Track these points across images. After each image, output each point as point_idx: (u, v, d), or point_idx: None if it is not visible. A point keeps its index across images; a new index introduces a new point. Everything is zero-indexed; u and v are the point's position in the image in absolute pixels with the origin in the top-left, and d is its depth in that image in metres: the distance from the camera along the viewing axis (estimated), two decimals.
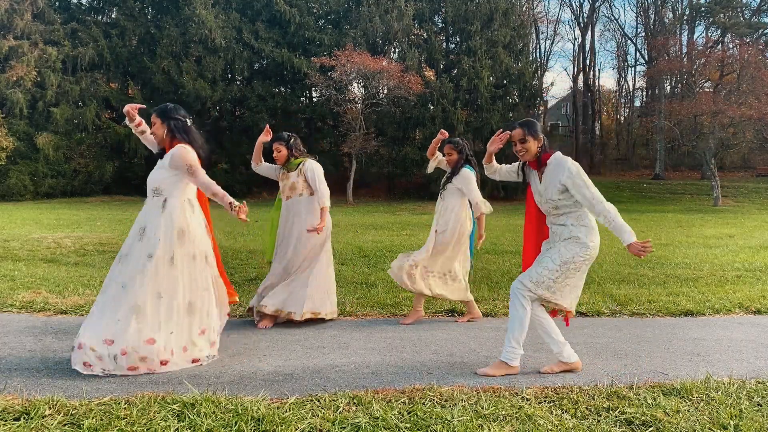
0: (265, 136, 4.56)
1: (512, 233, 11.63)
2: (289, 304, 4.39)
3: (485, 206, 4.57)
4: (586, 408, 2.74)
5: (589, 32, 41.68)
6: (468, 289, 4.77)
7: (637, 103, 45.43)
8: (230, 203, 3.31)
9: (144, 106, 3.76)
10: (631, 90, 46.40)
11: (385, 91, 27.22)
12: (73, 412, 2.50)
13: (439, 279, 4.69)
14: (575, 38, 57.13)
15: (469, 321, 4.76)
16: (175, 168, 3.38)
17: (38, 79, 24.46)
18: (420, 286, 4.62)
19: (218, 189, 3.38)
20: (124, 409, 2.55)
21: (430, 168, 4.94)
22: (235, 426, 2.42)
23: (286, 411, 2.60)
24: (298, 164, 4.57)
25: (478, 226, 4.69)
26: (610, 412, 2.69)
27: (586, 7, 42.24)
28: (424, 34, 29.10)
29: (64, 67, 25.34)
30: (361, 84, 26.93)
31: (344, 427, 2.45)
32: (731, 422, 2.56)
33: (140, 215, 3.43)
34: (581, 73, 42.69)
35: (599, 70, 75.78)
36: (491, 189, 24.42)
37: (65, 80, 25.18)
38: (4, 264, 6.89)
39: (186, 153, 3.38)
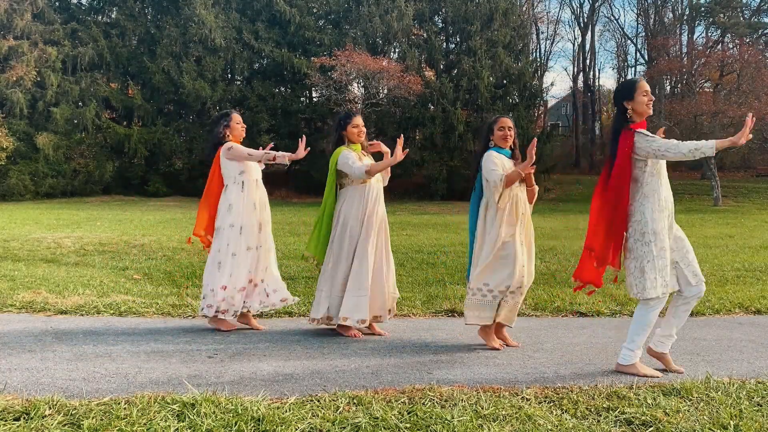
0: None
1: None
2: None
3: None
4: (586, 408, 2.73)
5: (589, 32, 41.67)
6: None
7: None
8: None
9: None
10: None
11: (385, 91, 27.16)
12: (73, 412, 2.50)
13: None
14: (575, 38, 57.09)
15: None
16: None
17: (38, 79, 24.42)
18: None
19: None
20: (124, 409, 2.55)
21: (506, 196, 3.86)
22: (235, 426, 2.42)
23: (286, 411, 2.60)
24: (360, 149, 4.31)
25: None
26: (610, 412, 2.69)
27: (586, 7, 42.20)
28: (424, 34, 29.03)
29: (64, 67, 25.30)
30: (361, 84, 26.89)
31: (344, 427, 2.45)
32: (731, 422, 2.56)
33: (255, 195, 4.28)
34: (581, 73, 42.69)
35: (599, 70, 75.81)
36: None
37: (65, 80, 25.14)
38: (4, 264, 6.89)
39: None
